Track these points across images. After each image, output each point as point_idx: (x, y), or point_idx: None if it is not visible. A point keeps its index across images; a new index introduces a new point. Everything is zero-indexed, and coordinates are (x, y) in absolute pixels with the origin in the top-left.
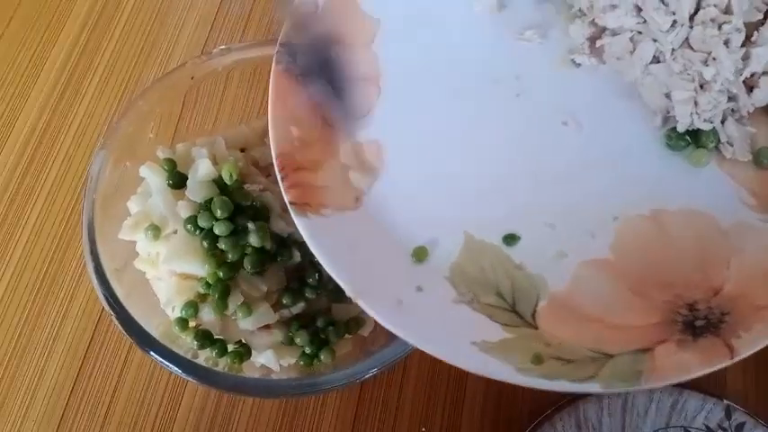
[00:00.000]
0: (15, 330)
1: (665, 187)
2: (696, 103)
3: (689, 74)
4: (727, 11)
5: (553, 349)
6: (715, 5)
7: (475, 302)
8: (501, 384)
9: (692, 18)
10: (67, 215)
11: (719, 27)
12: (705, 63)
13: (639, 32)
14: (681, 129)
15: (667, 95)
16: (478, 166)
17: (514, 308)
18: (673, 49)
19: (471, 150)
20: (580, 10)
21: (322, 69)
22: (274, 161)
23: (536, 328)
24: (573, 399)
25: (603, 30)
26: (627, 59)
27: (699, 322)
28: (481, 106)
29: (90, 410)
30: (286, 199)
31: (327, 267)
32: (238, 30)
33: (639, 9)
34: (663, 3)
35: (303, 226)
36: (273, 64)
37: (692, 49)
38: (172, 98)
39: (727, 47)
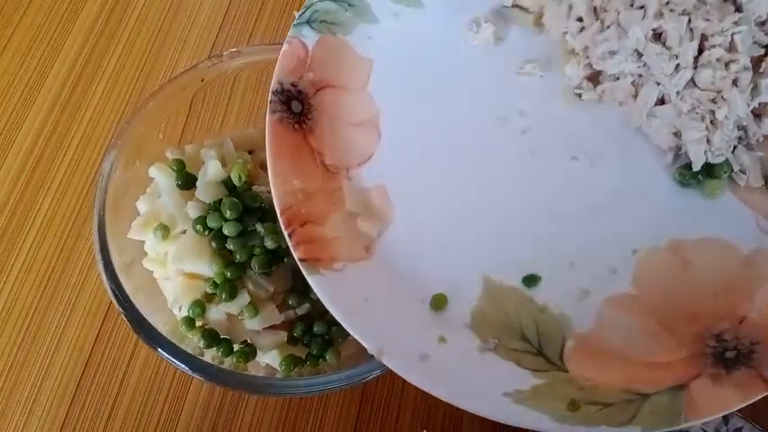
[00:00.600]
0: (22, 326)
1: (681, 218)
2: (709, 142)
3: (698, 113)
4: (732, 49)
5: (587, 393)
6: (719, 45)
7: (500, 349)
8: None
9: (695, 59)
10: (75, 214)
11: (726, 66)
12: (714, 101)
13: (640, 75)
14: (696, 167)
15: (676, 134)
16: (490, 207)
17: (541, 351)
18: (678, 91)
19: (481, 190)
20: (573, 50)
21: (318, 116)
22: (279, 218)
23: (566, 371)
24: None
25: (600, 72)
26: (630, 104)
27: (729, 353)
28: (487, 144)
29: (95, 406)
30: (296, 256)
31: (346, 326)
32: (246, 32)
33: (640, 54)
34: (665, 47)
35: (316, 284)
36: (268, 114)
37: (698, 88)
38: (182, 100)
39: (737, 86)
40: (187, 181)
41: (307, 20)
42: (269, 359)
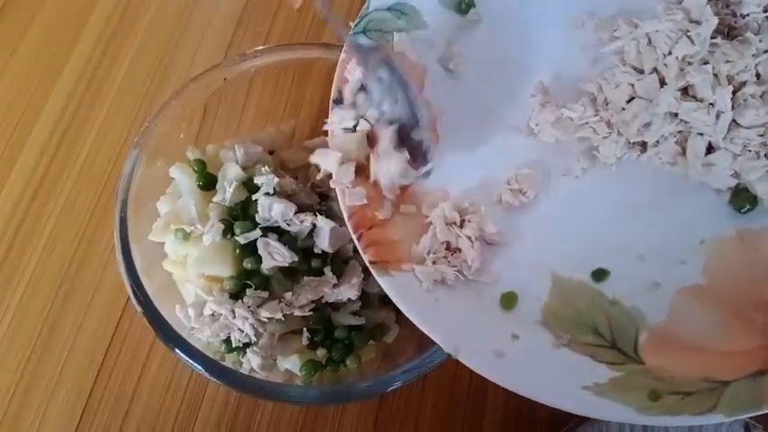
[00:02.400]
0: (36, 326)
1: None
2: None
3: (750, 150)
4: (761, 82)
5: (666, 384)
6: (748, 81)
7: (573, 344)
8: (521, 398)
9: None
10: (89, 214)
11: (762, 97)
12: (763, 135)
13: (680, 132)
14: (767, 204)
15: (734, 175)
16: (557, 202)
17: (615, 345)
18: (724, 136)
19: (546, 186)
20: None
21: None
22: (347, 222)
23: (642, 363)
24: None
25: (643, 144)
26: (681, 161)
27: None
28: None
29: (111, 406)
30: (365, 260)
31: (421, 325)
32: (262, 34)
33: (675, 115)
34: (698, 101)
35: (387, 285)
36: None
37: (743, 127)
38: (203, 99)
39: None
40: (208, 181)
41: (362, 29)
42: (289, 364)
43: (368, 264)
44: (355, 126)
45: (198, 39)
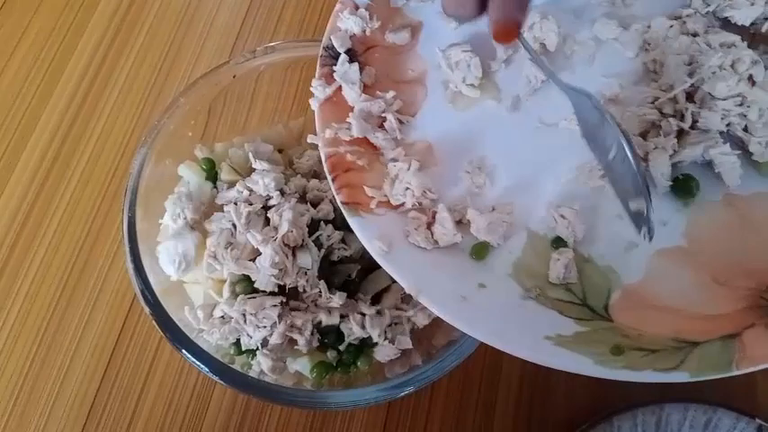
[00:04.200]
0: (41, 325)
1: None
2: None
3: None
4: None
5: (632, 341)
6: None
7: (542, 298)
8: (531, 403)
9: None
10: (93, 213)
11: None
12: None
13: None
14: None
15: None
16: (533, 161)
17: (586, 302)
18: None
19: (527, 141)
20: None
21: (366, 72)
22: (324, 164)
23: (611, 320)
24: (607, 415)
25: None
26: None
27: None
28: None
29: (117, 407)
30: (338, 199)
31: (384, 264)
32: (268, 30)
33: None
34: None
35: (356, 225)
36: (318, 67)
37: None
38: (211, 96)
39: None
40: (216, 180)
41: None
42: (299, 366)
43: (340, 205)
44: None
45: (203, 35)
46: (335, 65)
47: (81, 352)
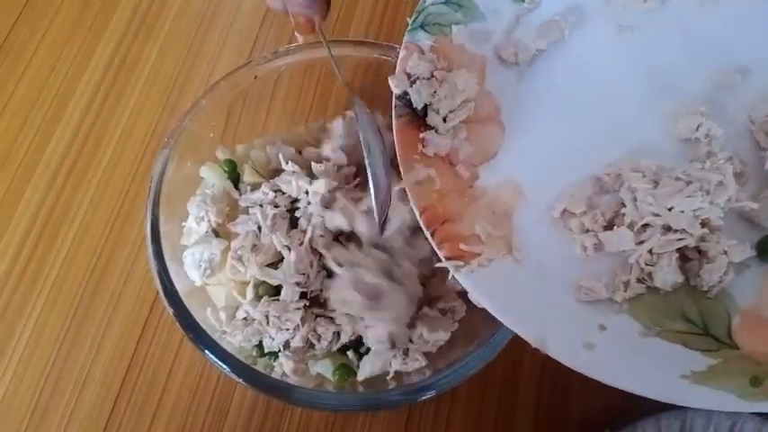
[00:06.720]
0: (63, 325)
1: None
2: None
3: None
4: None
5: (767, 368)
6: None
7: (664, 332)
8: (551, 405)
9: None
10: (115, 213)
11: None
12: None
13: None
14: None
15: None
16: None
17: (708, 331)
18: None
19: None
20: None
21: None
22: (419, 219)
23: (737, 348)
24: (630, 419)
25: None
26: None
27: None
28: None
29: (139, 407)
30: (441, 255)
31: (505, 321)
32: (287, 33)
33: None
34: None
35: (466, 281)
36: (394, 118)
37: None
38: (232, 98)
39: None
40: (238, 182)
41: (420, 24)
42: (320, 368)
43: (444, 260)
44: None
45: (223, 36)
46: (409, 111)
47: (101, 354)
